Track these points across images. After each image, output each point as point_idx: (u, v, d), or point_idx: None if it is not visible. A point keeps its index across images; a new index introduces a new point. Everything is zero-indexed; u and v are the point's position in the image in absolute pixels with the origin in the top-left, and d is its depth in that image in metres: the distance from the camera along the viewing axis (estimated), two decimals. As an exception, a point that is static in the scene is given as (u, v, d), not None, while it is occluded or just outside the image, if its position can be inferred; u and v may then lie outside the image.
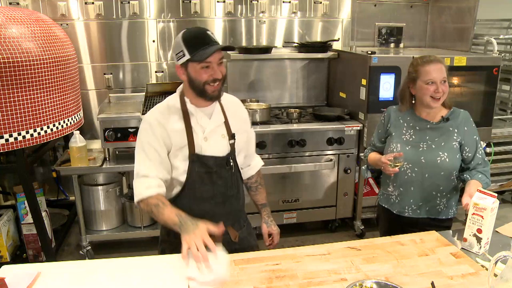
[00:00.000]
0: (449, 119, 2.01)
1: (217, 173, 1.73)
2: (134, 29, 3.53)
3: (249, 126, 1.92)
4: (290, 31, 3.80)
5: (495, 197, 1.66)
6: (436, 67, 1.94)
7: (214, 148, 1.72)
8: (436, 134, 2.01)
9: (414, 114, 2.07)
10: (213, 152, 1.71)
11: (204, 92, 1.64)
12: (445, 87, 1.95)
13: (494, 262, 1.32)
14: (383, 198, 2.21)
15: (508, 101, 4.26)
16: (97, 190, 3.12)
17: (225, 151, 1.74)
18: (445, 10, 3.91)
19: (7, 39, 2.30)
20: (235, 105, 1.86)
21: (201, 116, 1.71)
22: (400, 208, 2.11)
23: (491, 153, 3.75)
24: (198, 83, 1.62)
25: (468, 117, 2.04)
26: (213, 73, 1.61)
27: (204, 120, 1.71)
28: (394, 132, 2.10)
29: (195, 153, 1.69)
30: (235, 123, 1.80)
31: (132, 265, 1.58)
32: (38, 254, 2.93)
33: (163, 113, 1.70)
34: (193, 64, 1.60)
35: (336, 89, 3.81)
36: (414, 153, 2.01)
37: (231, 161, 1.76)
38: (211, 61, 1.59)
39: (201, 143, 1.70)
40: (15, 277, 1.45)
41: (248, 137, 1.91)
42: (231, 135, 1.76)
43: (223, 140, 1.75)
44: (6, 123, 2.36)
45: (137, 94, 3.53)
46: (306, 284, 1.47)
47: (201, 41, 1.58)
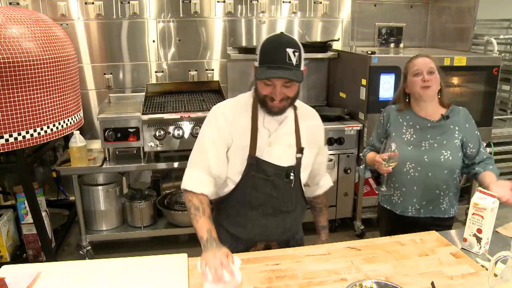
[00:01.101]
0: (449, 117, 2.02)
1: (274, 183, 1.63)
2: (134, 29, 3.53)
3: (323, 143, 1.80)
4: (290, 31, 3.79)
5: (495, 197, 1.66)
6: (422, 60, 1.99)
7: (277, 156, 1.62)
8: (437, 133, 2.01)
9: (414, 112, 2.06)
10: (275, 160, 1.61)
11: (264, 103, 1.57)
12: (433, 78, 1.96)
13: (494, 262, 1.32)
14: (384, 199, 2.19)
15: (508, 101, 4.26)
16: (97, 190, 3.12)
17: (288, 162, 1.64)
18: (445, 10, 3.91)
19: (7, 39, 2.30)
20: (312, 118, 1.75)
21: (270, 119, 1.61)
22: (403, 208, 2.10)
23: (491, 153, 3.74)
24: (259, 94, 1.56)
25: (467, 113, 2.06)
26: (273, 92, 1.52)
27: (272, 124, 1.62)
28: (394, 131, 2.09)
29: (254, 156, 1.59)
30: (307, 137, 1.69)
31: (132, 265, 1.58)
32: (38, 254, 2.93)
33: (231, 108, 1.64)
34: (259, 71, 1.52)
35: (336, 89, 3.81)
36: (417, 152, 2.01)
37: (293, 174, 1.64)
38: (274, 82, 1.51)
39: (264, 147, 1.60)
40: (15, 277, 1.45)
41: (321, 154, 1.80)
42: (299, 148, 1.65)
43: (289, 150, 1.64)
44: (6, 123, 2.36)
45: (137, 94, 3.53)
46: (306, 284, 1.46)
47: (274, 58, 1.49)
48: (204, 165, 1.60)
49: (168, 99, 3.32)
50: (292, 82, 1.52)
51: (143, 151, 3.04)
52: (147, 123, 2.93)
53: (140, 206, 3.16)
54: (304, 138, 1.68)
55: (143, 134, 2.95)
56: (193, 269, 1.54)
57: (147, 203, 3.18)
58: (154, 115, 2.95)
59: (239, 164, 1.61)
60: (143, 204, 3.17)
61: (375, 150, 2.20)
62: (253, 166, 1.60)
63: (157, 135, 2.95)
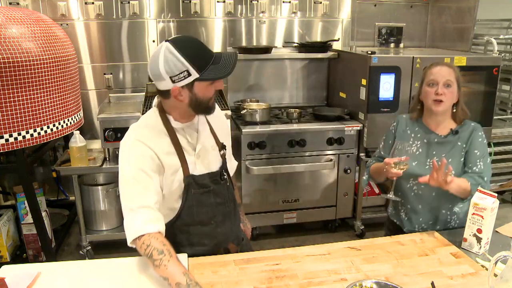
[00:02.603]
0: (459, 132, 1.89)
1: (214, 191, 1.60)
2: (134, 29, 3.53)
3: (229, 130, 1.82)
4: (290, 31, 3.80)
5: (495, 197, 1.66)
6: (442, 69, 1.85)
7: (208, 164, 1.59)
8: (443, 150, 1.90)
9: (424, 124, 1.96)
10: (206, 168, 1.58)
11: (210, 108, 1.51)
12: (448, 91, 1.83)
13: (494, 262, 1.32)
14: (394, 213, 2.10)
15: (508, 101, 4.26)
16: (97, 190, 3.12)
17: (217, 165, 1.62)
18: (445, 10, 3.91)
19: (7, 39, 2.30)
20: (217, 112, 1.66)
21: (188, 132, 1.55)
22: (410, 227, 2.01)
23: (491, 153, 3.75)
24: (206, 100, 1.48)
25: (477, 129, 1.90)
26: (217, 85, 1.49)
27: (192, 135, 1.56)
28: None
29: (190, 175, 1.52)
30: (221, 131, 1.70)
31: (132, 265, 1.58)
32: (38, 254, 2.93)
33: (145, 134, 1.48)
34: (201, 83, 1.43)
35: (336, 89, 3.81)
36: (420, 170, 1.88)
37: (225, 173, 1.65)
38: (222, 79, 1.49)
39: (194, 161, 1.54)
40: (15, 277, 1.45)
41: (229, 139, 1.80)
42: (220, 146, 1.65)
43: (214, 152, 1.62)
44: (6, 123, 2.35)
45: (137, 94, 3.53)
46: (306, 284, 1.47)
47: (207, 56, 1.43)
48: (144, 202, 1.41)
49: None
50: None
51: (143, 151, 3.03)
52: (147, 123, 2.93)
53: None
54: (219, 133, 1.68)
55: (143, 134, 2.95)
56: (193, 269, 1.54)
57: (147, 203, 3.18)
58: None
59: (177, 189, 1.52)
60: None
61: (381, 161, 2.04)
62: (192, 184, 1.53)
63: (157, 135, 2.95)
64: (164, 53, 1.40)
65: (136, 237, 1.40)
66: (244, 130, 3.13)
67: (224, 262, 1.60)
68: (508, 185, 3.95)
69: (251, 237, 1.99)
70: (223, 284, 1.46)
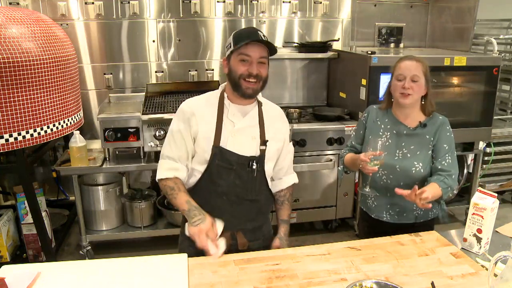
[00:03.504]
0: (427, 125, 1.95)
1: (237, 171, 1.71)
2: (134, 29, 3.53)
3: (287, 139, 1.87)
4: (290, 31, 3.80)
5: (495, 197, 1.66)
6: (410, 64, 1.90)
7: (240, 146, 1.70)
8: (411, 142, 1.95)
9: (393, 116, 2.01)
10: (238, 149, 1.70)
11: (238, 86, 1.66)
12: (415, 85, 1.87)
13: (494, 262, 1.32)
14: (361, 200, 2.16)
15: (508, 101, 4.26)
16: (97, 190, 3.12)
17: (251, 153, 1.72)
18: (445, 10, 3.91)
19: (7, 39, 2.30)
20: (277, 114, 1.84)
21: (234, 111, 1.72)
22: (377, 213, 2.06)
23: (491, 153, 3.75)
24: (235, 75, 1.65)
25: (444, 123, 1.96)
26: (249, 67, 1.63)
27: (237, 116, 1.72)
28: (370, 134, 2.04)
29: (219, 146, 1.68)
30: (271, 131, 1.77)
31: (132, 265, 1.58)
32: (38, 254, 2.93)
33: (198, 102, 1.75)
34: (234, 55, 1.64)
35: (336, 89, 3.81)
36: (390, 160, 1.94)
37: (255, 164, 1.71)
38: (251, 55, 1.62)
39: (228, 137, 1.69)
40: (15, 277, 1.45)
41: (285, 150, 1.87)
42: (263, 141, 1.74)
43: (253, 141, 1.73)
44: (6, 123, 2.36)
45: (137, 94, 3.53)
46: (306, 284, 1.47)
47: (247, 35, 1.62)
48: (173, 154, 1.73)
49: (168, 99, 3.32)
50: (265, 60, 1.66)
51: (143, 151, 3.04)
52: (147, 123, 2.93)
53: (140, 206, 3.16)
54: (269, 132, 1.76)
55: (143, 134, 2.95)
56: (193, 269, 1.55)
57: (147, 203, 3.18)
58: (154, 115, 2.95)
59: (205, 154, 1.70)
60: (143, 204, 3.17)
61: (354, 151, 2.14)
62: (217, 155, 1.69)
63: (157, 135, 2.95)
64: None
65: (159, 178, 1.75)
66: (244, 130, 3.13)
67: (224, 262, 1.60)
68: (508, 185, 3.95)
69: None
70: (223, 284, 1.46)
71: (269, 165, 1.79)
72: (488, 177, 3.91)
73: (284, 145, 1.86)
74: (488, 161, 3.78)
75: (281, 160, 1.87)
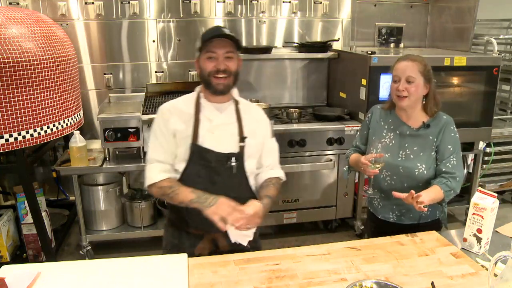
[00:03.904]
0: (430, 126, 1.92)
1: (215, 169, 1.70)
2: (134, 29, 3.53)
3: (268, 135, 1.86)
4: (290, 31, 3.80)
5: (495, 197, 1.66)
6: (405, 64, 1.86)
7: (218, 143, 1.70)
8: (415, 143, 1.93)
9: (397, 116, 1.99)
10: (216, 146, 1.70)
11: (209, 83, 1.69)
12: (410, 87, 1.84)
13: (494, 262, 1.32)
14: (368, 201, 2.16)
15: (508, 101, 4.26)
16: (97, 190, 3.12)
17: (229, 149, 1.71)
18: (445, 10, 3.91)
19: (7, 39, 2.30)
20: (254, 111, 1.85)
21: (211, 109, 1.74)
22: (384, 214, 2.05)
23: (491, 153, 3.75)
24: (204, 73, 1.68)
25: (448, 123, 1.92)
26: (216, 64, 1.65)
27: (213, 113, 1.74)
28: (374, 135, 2.03)
29: (197, 144, 1.69)
30: (250, 127, 1.76)
31: (132, 265, 1.58)
32: (38, 254, 2.93)
33: (176, 104, 1.79)
34: (202, 54, 1.68)
35: (336, 89, 3.81)
36: (393, 161, 1.94)
37: (234, 161, 1.70)
38: (216, 51, 1.64)
39: (206, 135, 1.70)
40: (15, 277, 1.45)
41: (267, 146, 1.85)
42: (241, 137, 1.73)
43: (231, 138, 1.73)
44: (6, 123, 2.36)
45: (137, 94, 3.52)
46: (306, 284, 1.47)
47: (211, 32, 1.66)
48: (161, 157, 1.73)
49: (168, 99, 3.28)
50: (232, 54, 1.67)
51: (143, 151, 3.03)
52: (147, 123, 2.93)
53: (140, 206, 3.16)
54: (247, 129, 1.76)
55: (143, 134, 2.95)
56: (193, 269, 1.55)
57: (147, 203, 3.18)
58: (154, 115, 2.90)
59: (184, 152, 1.71)
60: (143, 204, 3.17)
61: (359, 151, 2.14)
62: (196, 153, 1.70)
63: (157, 135, 2.95)
64: None
65: (149, 183, 1.72)
66: (244, 130, 3.13)
67: (224, 262, 1.60)
68: (508, 185, 3.95)
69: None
70: (223, 284, 1.46)
71: (249, 162, 1.76)
72: (488, 177, 3.91)
73: (266, 142, 1.84)
74: (488, 161, 3.78)
75: (266, 156, 1.85)
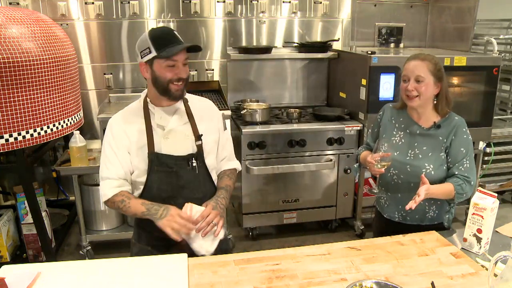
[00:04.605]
0: (441, 127, 1.89)
1: (177, 173, 1.70)
2: (134, 29, 3.53)
3: (222, 128, 1.86)
4: (290, 31, 3.80)
5: (495, 197, 1.66)
6: (414, 64, 1.84)
7: (175, 147, 1.69)
8: (425, 142, 1.91)
9: (408, 115, 1.98)
10: (173, 151, 1.69)
11: (167, 90, 1.65)
12: (419, 86, 1.83)
13: (494, 262, 1.32)
14: (376, 199, 2.16)
15: (508, 101, 4.26)
16: (97, 190, 3.11)
17: (187, 151, 1.71)
18: (445, 10, 3.91)
19: (7, 39, 2.30)
20: (205, 107, 1.83)
21: (161, 115, 1.70)
22: (389, 213, 2.05)
23: (491, 153, 3.75)
24: (163, 81, 1.64)
25: (460, 125, 1.89)
26: (178, 72, 1.64)
27: (164, 118, 1.71)
28: (384, 133, 2.04)
29: (154, 152, 1.68)
30: (203, 124, 1.76)
31: (132, 265, 1.58)
32: (38, 254, 2.93)
33: (124, 115, 1.74)
34: (159, 61, 1.62)
35: (336, 89, 3.81)
36: (401, 160, 1.93)
37: (194, 161, 1.71)
38: (177, 59, 1.62)
39: (161, 142, 1.69)
40: (15, 277, 1.45)
41: (222, 139, 1.85)
42: (197, 136, 1.73)
43: (187, 140, 1.72)
44: (6, 123, 2.36)
45: (137, 94, 3.49)
46: (306, 284, 1.47)
47: (168, 39, 1.62)
48: (111, 174, 1.69)
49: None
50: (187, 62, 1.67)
51: (143, 151, 3.03)
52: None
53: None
54: (201, 126, 1.75)
55: (143, 134, 2.94)
56: (193, 269, 1.55)
57: (147, 203, 3.18)
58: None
59: (142, 163, 1.69)
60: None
61: (369, 149, 2.14)
62: (155, 161, 1.68)
63: (157, 135, 2.95)
64: (141, 36, 1.66)
65: (106, 200, 1.71)
66: (244, 130, 3.13)
67: (224, 262, 1.60)
68: (508, 185, 3.95)
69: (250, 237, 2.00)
70: (223, 284, 1.46)
71: (209, 158, 1.78)
72: (488, 177, 3.91)
73: (220, 135, 1.84)
74: (488, 161, 3.78)
75: (221, 149, 1.86)
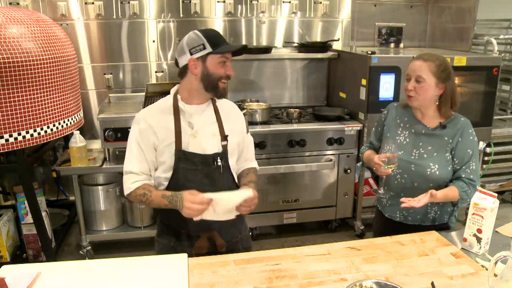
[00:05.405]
0: (447, 127, 1.90)
1: (203, 171, 1.71)
2: (134, 29, 3.53)
3: (245, 130, 1.89)
4: (290, 31, 3.80)
5: (495, 197, 1.66)
6: (416, 64, 1.85)
7: (202, 146, 1.71)
8: (429, 142, 1.92)
9: (413, 115, 1.98)
10: (200, 149, 1.71)
11: (216, 87, 1.69)
12: (420, 87, 1.83)
13: (494, 262, 1.32)
14: (377, 199, 2.16)
15: (508, 101, 4.26)
16: (97, 190, 3.12)
17: (214, 150, 1.73)
18: (445, 10, 3.91)
19: (7, 39, 2.30)
20: (231, 108, 1.86)
21: (191, 113, 1.72)
22: (390, 212, 2.05)
23: (491, 153, 3.75)
24: (214, 77, 1.67)
25: (466, 126, 1.90)
26: (227, 70, 1.69)
27: (194, 117, 1.73)
28: (388, 132, 2.03)
29: (181, 150, 1.69)
30: (229, 125, 1.78)
31: (132, 265, 1.58)
32: (38, 254, 2.93)
33: (152, 111, 1.75)
34: (213, 57, 1.65)
35: (336, 89, 3.81)
36: (406, 159, 1.92)
37: (220, 161, 1.73)
38: (228, 57, 1.68)
39: (189, 140, 1.70)
40: (15, 277, 1.45)
41: (245, 141, 1.89)
42: (223, 136, 1.75)
43: (213, 139, 1.74)
44: (6, 123, 2.36)
45: (137, 94, 3.53)
46: (306, 284, 1.47)
47: (220, 39, 1.69)
48: (135, 169, 1.73)
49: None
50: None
51: (143, 151, 3.03)
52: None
53: (140, 206, 3.16)
54: (227, 126, 1.78)
55: (143, 134, 2.95)
56: (193, 269, 1.55)
57: (147, 203, 3.18)
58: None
59: (169, 160, 1.71)
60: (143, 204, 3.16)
61: (373, 148, 2.14)
62: (181, 159, 1.70)
63: (157, 135, 2.95)
64: (189, 34, 1.71)
65: (128, 193, 1.76)
66: (244, 130, 3.13)
67: (224, 262, 1.60)
68: (508, 185, 3.95)
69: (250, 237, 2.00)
70: (223, 284, 1.46)
71: (232, 159, 1.80)
72: (488, 177, 3.91)
73: (244, 137, 1.88)
74: (488, 161, 3.78)
75: (245, 152, 1.89)
